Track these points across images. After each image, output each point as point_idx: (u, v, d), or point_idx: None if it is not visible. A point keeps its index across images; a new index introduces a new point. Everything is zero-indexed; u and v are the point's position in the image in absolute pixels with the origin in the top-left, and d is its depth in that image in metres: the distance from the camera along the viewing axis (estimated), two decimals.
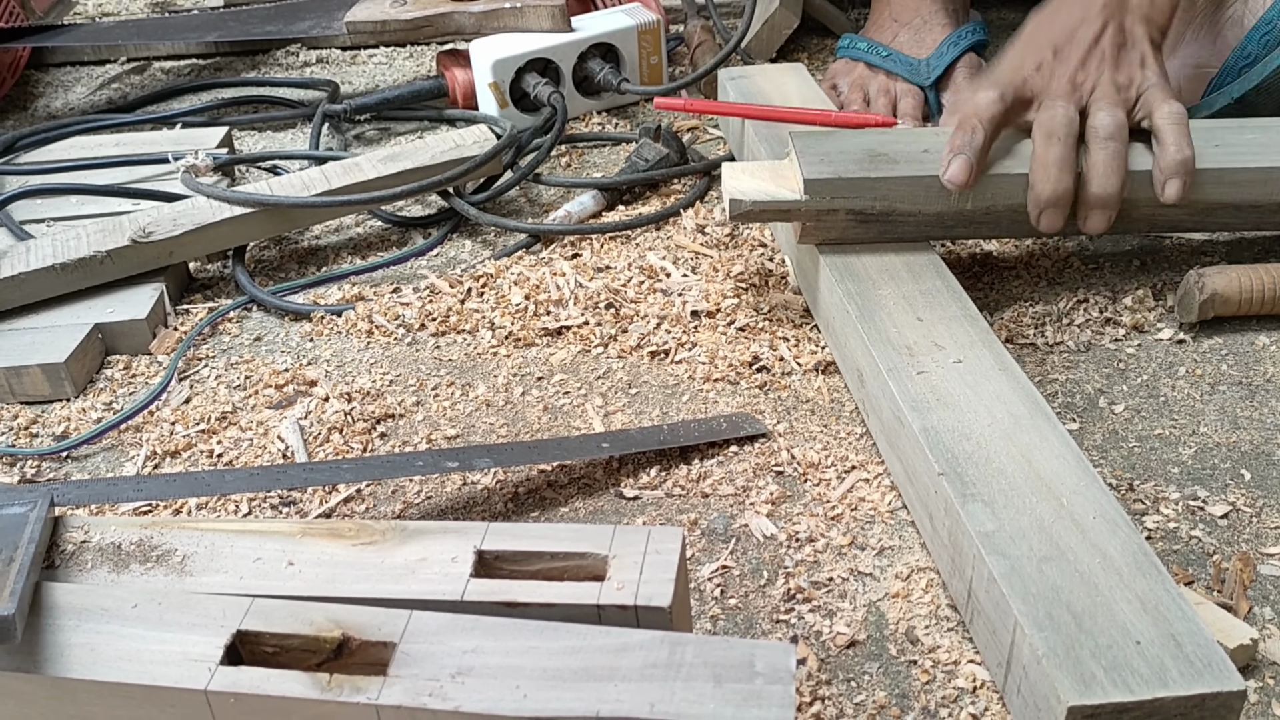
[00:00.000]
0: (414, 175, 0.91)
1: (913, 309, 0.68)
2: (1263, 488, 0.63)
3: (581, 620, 0.45)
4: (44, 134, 1.13)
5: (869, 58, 1.06)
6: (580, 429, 0.71)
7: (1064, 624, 0.47)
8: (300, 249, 0.94)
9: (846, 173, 0.73)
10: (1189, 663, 0.45)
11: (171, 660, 0.44)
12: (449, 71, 1.17)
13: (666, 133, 1.01)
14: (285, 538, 0.51)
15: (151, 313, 0.82)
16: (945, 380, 0.62)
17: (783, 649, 0.42)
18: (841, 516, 0.62)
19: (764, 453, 0.67)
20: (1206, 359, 0.73)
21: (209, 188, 0.88)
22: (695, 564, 0.60)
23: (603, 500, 0.65)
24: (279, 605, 0.46)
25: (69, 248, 0.83)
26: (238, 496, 0.66)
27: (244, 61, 1.39)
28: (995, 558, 0.50)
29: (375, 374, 0.77)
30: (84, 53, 1.41)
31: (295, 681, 0.43)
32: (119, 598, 0.47)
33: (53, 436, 0.73)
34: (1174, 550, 0.59)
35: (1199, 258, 0.83)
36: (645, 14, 1.15)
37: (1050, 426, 0.58)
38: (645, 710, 0.40)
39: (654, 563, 0.47)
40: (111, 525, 0.53)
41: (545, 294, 0.83)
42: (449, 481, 0.67)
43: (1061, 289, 0.80)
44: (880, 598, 0.57)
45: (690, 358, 0.76)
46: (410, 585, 0.48)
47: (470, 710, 0.41)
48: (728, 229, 0.91)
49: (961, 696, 0.51)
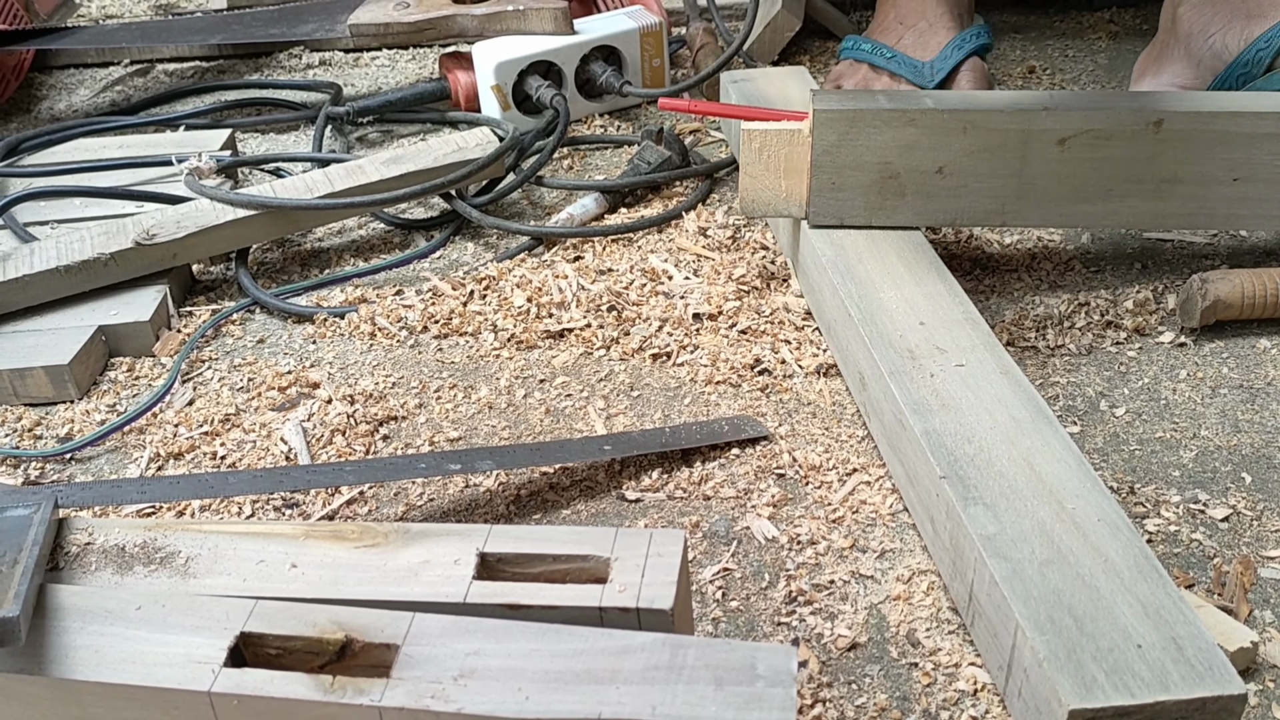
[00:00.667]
0: (417, 178, 0.92)
1: (915, 312, 0.68)
2: (1263, 491, 0.63)
3: (583, 622, 0.45)
4: (48, 136, 1.13)
5: (873, 59, 1.06)
6: (582, 431, 0.71)
7: (1065, 627, 0.47)
8: (303, 251, 0.95)
9: (850, 218, 0.75)
10: (1190, 666, 0.45)
11: (175, 662, 0.44)
12: (451, 74, 1.17)
13: (669, 135, 1.01)
14: (288, 540, 0.51)
15: (155, 315, 0.82)
16: (947, 383, 0.62)
17: (784, 651, 0.42)
18: (843, 519, 0.62)
19: (766, 455, 0.68)
20: (1208, 362, 0.73)
21: (212, 190, 0.88)
22: (697, 566, 0.60)
23: (605, 503, 0.65)
24: (282, 607, 0.46)
25: (73, 250, 0.83)
26: (241, 499, 0.66)
27: (247, 64, 1.39)
28: (997, 561, 0.50)
29: (378, 376, 0.77)
30: (88, 55, 1.42)
31: (298, 683, 0.43)
32: (123, 599, 0.47)
33: (56, 438, 0.73)
34: (1175, 553, 0.59)
35: (1200, 261, 0.83)
36: (647, 16, 1.15)
37: (1052, 430, 0.58)
38: (647, 713, 0.41)
39: (656, 565, 0.48)
40: (115, 527, 0.53)
41: (547, 296, 0.83)
42: (451, 484, 0.67)
43: (1063, 292, 0.80)
44: (881, 600, 0.57)
45: (692, 360, 0.77)
46: (413, 587, 0.48)
47: (473, 712, 0.41)
48: (730, 231, 0.91)
49: (963, 699, 0.52)
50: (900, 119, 0.74)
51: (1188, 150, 0.75)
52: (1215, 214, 0.76)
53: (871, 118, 0.74)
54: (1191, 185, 0.75)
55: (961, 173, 0.75)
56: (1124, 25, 1.30)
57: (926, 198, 0.75)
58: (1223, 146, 0.74)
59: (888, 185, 0.75)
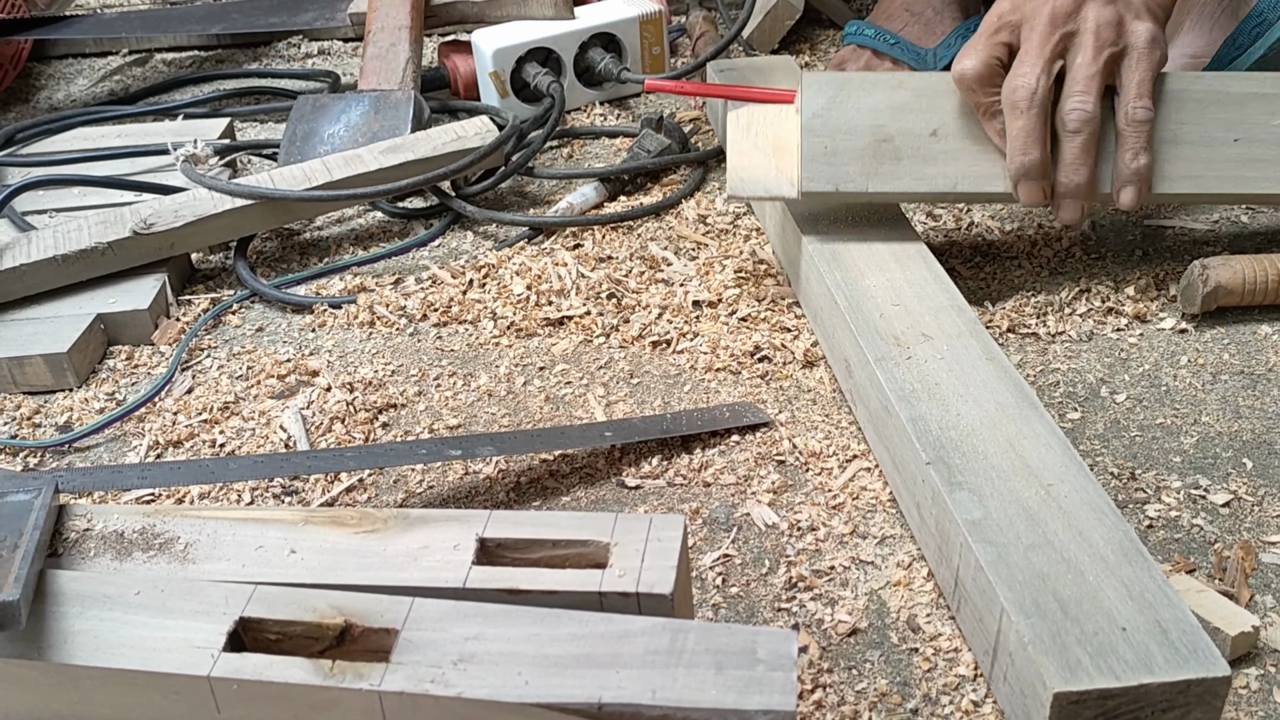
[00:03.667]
0: (416, 167, 0.91)
1: (901, 298, 0.68)
2: (1264, 476, 0.63)
3: (583, 607, 0.45)
4: (46, 126, 1.13)
5: (876, 45, 1.06)
6: (582, 418, 0.71)
7: (1050, 611, 0.47)
8: (302, 240, 0.95)
9: (845, 183, 0.74)
10: (1174, 649, 0.45)
11: (174, 647, 0.44)
12: (450, 61, 1.17)
13: (669, 123, 1.00)
14: (287, 526, 0.51)
15: (153, 303, 0.82)
16: (932, 370, 0.62)
17: (784, 636, 0.42)
18: (843, 505, 0.62)
19: (765, 442, 0.67)
20: (1208, 348, 0.73)
21: (210, 180, 0.88)
22: (697, 553, 0.60)
23: (604, 489, 0.65)
24: (281, 592, 0.46)
25: (70, 239, 0.83)
26: (240, 486, 0.66)
27: (246, 53, 1.39)
28: (982, 545, 0.50)
29: (377, 364, 0.77)
30: (86, 45, 1.41)
31: (298, 668, 0.43)
32: (122, 585, 0.47)
33: (55, 427, 0.73)
34: (1175, 539, 0.59)
35: (1201, 248, 0.83)
36: (647, 4, 1.15)
37: (1037, 415, 0.58)
38: (647, 697, 0.40)
39: (656, 550, 0.48)
40: (114, 513, 0.53)
41: (547, 284, 0.83)
42: (451, 471, 0.67)
43: (1064, 278, 0.80)
44: (881, 586, 0.57)
45: (692, 347, 0.76)
46: (412, 573, 0.48)
47: (472, 697, 0.41)
48: (729, 218, 0.91)
49: (963, 684, 0.51)
50: (889, 82, 0.75)
51: (1181, 110, 0.74)
52: (1224, 175, 0.74)
53: (860, 81, 0.75)
54: (1194, 146, 0.74)
55: (956, 135, 0.74)
56: None
57: (923, 161, 0.74)
58: (1216, 106, 0.74)
59: (882, 149, 0.74)
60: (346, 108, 1.03)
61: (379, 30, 1.09)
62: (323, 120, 1.02)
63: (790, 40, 1.26)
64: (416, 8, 1.11)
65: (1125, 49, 0.71)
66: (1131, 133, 0.71)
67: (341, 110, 1.02)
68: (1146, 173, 0.72)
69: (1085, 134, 0.70)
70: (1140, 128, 0.71)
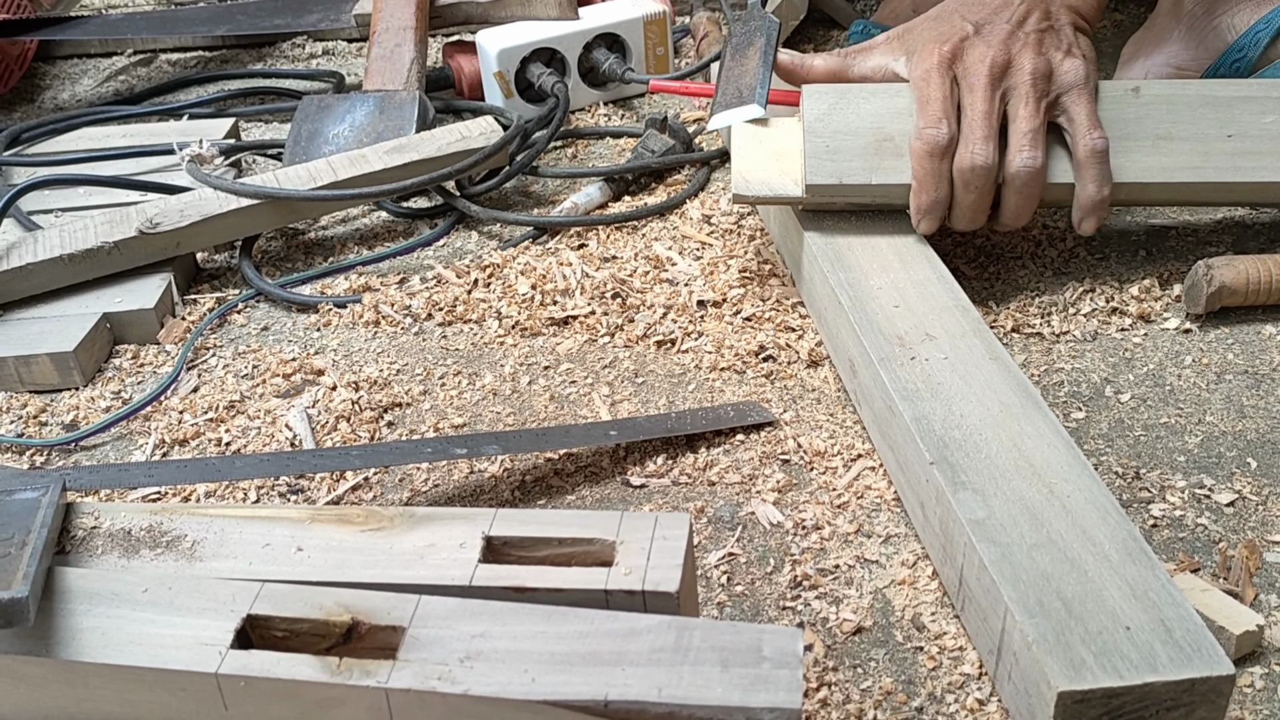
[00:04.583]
0: (420, 167, 0.91)
1: (904, 298, 0.68)
2: (1269, 476, 0.63)
3: (589, 605, 0.45)
4: (52, 126, 1.13)
5: None
6: (587, 418, 0.71)
7: (1054, 610, 0.47)
8: (307, 240, 0.95)
9: (849, 176, 0.74)
10: (1178, 648, 0.45)
11: (182, 644, 0.45)
12: (454, 61, 1.17)
13: (674, 123, 1.01)
14: (294, 524, 0.51)
15: (159, 302, 0.82)
16: (936, 370, 0.62)
17: (790, 634, 0.43)
18: (848, 504, 0.62)
19: (770, 441, 0.68)
20: (1213, 348, 0.73)
21: (216, 179, 0.88)
22: (702, 552, 0.60)
23: (609, 488, 0.65)
24: (289, 590, 0.46)
25: (76, 238, 0.83)
26: (246, 484, 0.67)
27: (250, 54, 1.39)
28: (986, 545, 0.50)
29: (382, 363, 0.77)
30: (91, 45, 1.42)
31: (305, 665, 0.43)
32: (129, 582, 0.47)
33: (62, 425, 0.74)
34: (1180, 538, 0.59)
35: (1205, 248, 0.83)
36: (652, 5, 1.15)
37: (1041, 415, 0.58)
38: (653, 694, 0.41)
39: (661, 548, 0.48)
40: (122, 511, 0.53)
41: (552, 284, 0.83)
42: (456, 470, 0.67)
43: (1068, 278, 0.80)
44: (886, 584, 0.57)
45: (696, 347, 0.77)
46: (419, 570, 0.48)
47: (479, 694, 0.41)
48: (734, 218, 0.91)
49: (968, 683, 0.52)
50: (888, 91, 0.76)
51: (1171, 110, 0.75)
52: (1222, 166, 0.74)
53: (859, 90, 0.76)
54: (1188, 141, 0.75)
55: None
56: (1130, 15, 1.29)
57: None
58: (1206, 108, 0.75)
59: (884, 146, 0.74)
60: (351, 108, 1.03)
61: (384, 31, 1.09)
62: (327, 120, 1.02)
63: (794, 41, 1.26)
64: (421, 8, 1.11)
65: (1062, 91, 0.73)
66: (1094, 163, 0.73)
67: (346, 110, 1.03)
68: (1106, 203, 0.74)
69: (1033, 186, 0.72)
70: (1101, 157, 0.73)
